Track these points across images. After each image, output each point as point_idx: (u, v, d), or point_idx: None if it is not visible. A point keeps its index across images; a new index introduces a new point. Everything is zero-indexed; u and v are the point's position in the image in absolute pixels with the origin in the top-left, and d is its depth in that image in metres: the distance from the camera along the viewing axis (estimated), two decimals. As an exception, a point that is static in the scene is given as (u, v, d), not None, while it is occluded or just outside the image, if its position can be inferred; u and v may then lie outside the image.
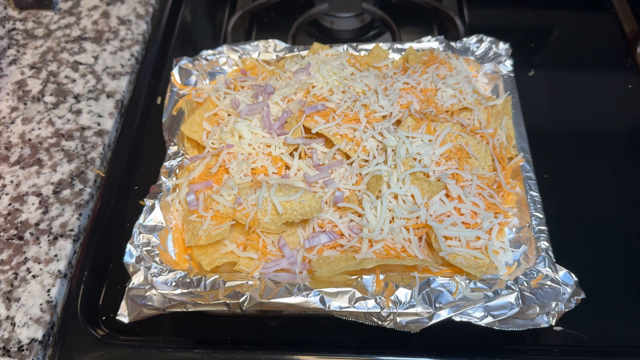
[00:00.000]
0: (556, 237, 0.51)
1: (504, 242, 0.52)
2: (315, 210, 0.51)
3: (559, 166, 0.62)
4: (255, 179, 0.55)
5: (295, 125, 0.58)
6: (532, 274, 0.48)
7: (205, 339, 0.51)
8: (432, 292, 0.47)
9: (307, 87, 0.63)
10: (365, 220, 0.51)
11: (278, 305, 0.47)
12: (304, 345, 0.50)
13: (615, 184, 0.62)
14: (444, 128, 0.57)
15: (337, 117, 0.59)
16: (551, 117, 0.69)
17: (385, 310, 0.46)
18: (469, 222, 0.51)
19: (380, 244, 0.50)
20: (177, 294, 0.48)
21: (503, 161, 0.57)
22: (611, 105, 0.70)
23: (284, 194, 0.51)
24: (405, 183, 0.53)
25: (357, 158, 0.56)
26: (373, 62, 0.69)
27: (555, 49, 0.79)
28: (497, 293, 0.46)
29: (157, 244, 0.52)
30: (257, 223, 0.51)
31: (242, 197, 0.52)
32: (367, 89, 0.63)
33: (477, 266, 0.49)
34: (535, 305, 0.46)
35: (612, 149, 0.65)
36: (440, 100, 0.62)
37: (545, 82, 0.73)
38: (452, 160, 0.56)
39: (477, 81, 0.68)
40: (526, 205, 0.53)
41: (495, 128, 0.60)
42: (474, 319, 0.45)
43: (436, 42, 0.71)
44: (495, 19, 0.85)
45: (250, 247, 0.51)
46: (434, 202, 0.52)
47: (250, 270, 0.50)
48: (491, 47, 0.69)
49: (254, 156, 0.57)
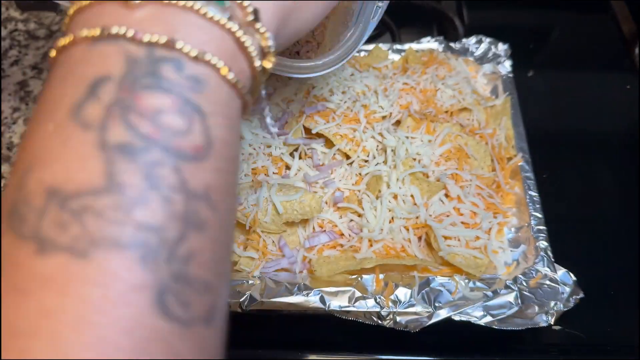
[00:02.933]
0: (555, 236, 0.51)
1: (503, 242, 0.52)
2: (315, 210, 0.51)
3: (558, 166, 0.62)
4: (255, 179, 0.55)
5: (296, 125, 0.59)
6: (531, 274, 0.48)
7: (206, 338, 0.51)
8: (432, 292, 0.47)
9: (307, 87, 0.63)
10: (365, 220, 0.51)
11: (278, 305, 0.47)
12: (304, 344, 0.50)
13: (614, 183, 0.62)
14: (443, 128, 0.57)
15: (337, 117, 0.59)
16: (550, 117, 0.69)
17: (385, 309, 0.46)
18: (468, 222, 0.51)
19: (380, 243, 0.50)
20: (178, 294, 0.48)
21: (502, 161, 0.57)
22: (610, 106, 0.70)
23: (284, 194, 0.51)
24: (405, 183, 0.53)
25: (357, 158, 0.57)
26: (373, 63, 0.69)
27: (554, 49, 0.79)
28: (496, 292, 0.47)
29: (158, 243, 0.52)
30: (257, 223, 0.51)
31: (243, 197, 0.52)
32: (367, 89, 0.63)
33: (476, 266, 0.49)
34: (534, 305, 0.46)
35: (610, 149, 0.65)
36: (439, 101, 0.62)
37: (544, 83, 0.73)
38: (451, 161, 0.56)
39: (477, 82, 0.68)
40: (525, 205, 0.53)
41: (494, 128, 0.60)
42: (473, 318, 0.45)
43: (435, 42, 0.71)
44: (495, 20, 0.85)
45: (251, 246, 0.52)
46: (433, 202, 0.52)
47: (251, 269, 0.51)
48: (490, 48, 0.70)
49: (254, 156, 0.57)
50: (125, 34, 0.20)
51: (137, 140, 0.19)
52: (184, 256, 0.19)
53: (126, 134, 0.19)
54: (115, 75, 0.19)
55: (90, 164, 0.18)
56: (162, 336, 0.18)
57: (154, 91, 0.19)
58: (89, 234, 0.18)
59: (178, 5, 0.20)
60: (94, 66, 0.20)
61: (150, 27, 0.20)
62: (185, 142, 0.19)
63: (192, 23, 0.21)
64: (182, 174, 0.19)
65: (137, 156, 0.18)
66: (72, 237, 0.18)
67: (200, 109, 0.20)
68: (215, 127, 0.21)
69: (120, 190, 0.18)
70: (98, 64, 0.20)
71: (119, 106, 0.19)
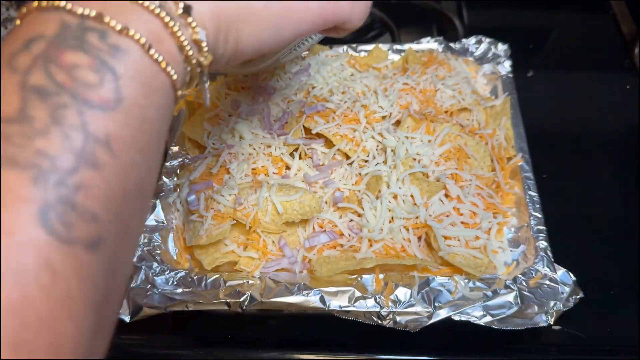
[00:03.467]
0: (555, 236, 0.51)
1: (502, 242, 0.52)
2: (315, 210, 0.51)
3: (558, 166, 0.62)
4: (255, 179, 0.55)
5: (296, 125, 0.59)
6: (530, 274, 0.48)
7: (206, 338, 0.51)
8: (432, 292, 0.47)
9: (307, 88, 0.63)
10: (365, 220, 0.51)
11: (278, 305, 0.47)
12: (304, 344, 0.50)
13: (613, 183, 0.62)
14: (443, 128, 0.57)
15: (337, 117, 0.59)
16: (550, 117, 0.69)
17: (385, 309, 0.46)
18: (468, 222, 0.52)
19: (380, 243, 0.50)
20: (178, 293, 0.48)
21: (502, 161, 0.57)
22: (609, 106, 0.70)
23: (284, 194, 0.51)
24: (405, 183, 0.53)
25: (357, 158, 0.57)
26: (373, 63, 0.69)
27: (553, 49, 0.79)
28: (496, 292, 0.47)
29: (158, 243, 0.52)
30: (257, 223, 0.51)
31: (243, 197, 0.52)
32: (367, 89, 0.63)
33: (476, 266, 0.49)
34: (533, 305, 0.46)
35: (610, 149, 0.65)
36: (439, 101, 0.62)
37: (544, 83, 0.73)
38: (451, 161, 0.56)
39: (476, 82, 0.68)
40: (525, 205, 0.53)
41: (494, 128, 0.60)
42: (473, 318, 0.45)
43: (435, 43, 0.71)
44: (494, 20, 0.86)
45: (251, 246, 0.52)
46: (433, 202, 0.52)
47: (251, 269, 0.51)
48: (490, 48, 0.70)
49: (254, 156, 0.57)
50: (64, 6, 0.25)
51: (51, 85, 0.23)
52: (73, 184, 0.22)
53: (44, 79, 0.23)
54: (48, 35, 0.24)
55: (9, 98, 0.22)
56: (39, 246, 0.20)
57: (75, 50, 0.24)
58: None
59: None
60: (33, 28, 0.25)
61: (87, 4, 0.25)
62: (93, 93, 0.23)
63: (123, 5, 0.26)
64: (84, 117, 0.23)
65: (48, 97, 0.22)
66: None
67: (115, 70, 0.24)
68: (127, 88, 0.25)
69: (27, 122, 0.22)
70: (37, 26, 0.25)
71: (44, 58, 0.23)
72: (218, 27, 0.29)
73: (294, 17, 0.34)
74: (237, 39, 0.31)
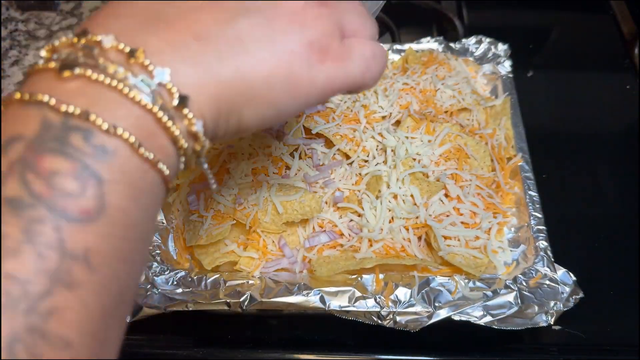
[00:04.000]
0: (555, 236, 0.51)
1: (502, 242, 0.52)
2: (315, 210, 0.51)
3: (558, 166, 0.62)
4: (255, 179, 0.55)
5: (296, 125, 0.59)
6: (530, 274, 0.48)
7: (206, 338, 0.51)
8: (432, 292, 0.47)
9: (307, 87, 0.63)
10: (365, 220, 0.51)
11: (278, 305, 0.47)
12: (304, 344, 0.50)
13: (613, 183, 0.62)
14: (443, 128, 0.57)
15: (337, 117, 0.59)
16: (550, 117, 0.69)
17: (385, 309, 0.46)
18: (468, 222, 0.52)
19: (380, 243, 0.50)
20: (178, 293, 0.48)
21: (502, 161, 0.57)
22: (609, 106, 0.70)
23: (284, 194, 0.51)
24: (405, 183, 0.53)
25: (357, 158, 0.57)
26: (373, 63, 0.69)
27: (553, 50, 0.79)
28: (496, 292, 0.47)
29: (158, 243, 0.52)
30: (257, 223, 0.51)
31: (243, 197, 0.52)
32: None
33: (476, 265, 0.49)
34: (533, 305, 0.46)
35: (610, 149, 0.65)
36: (439, 101, 0.62)
37: (544, 83, 0.73)
38: (451, 161, 0.56)
39: (476, 82, 0.68)
40: (525, 205, 0.53)
41: (494, 128, 0.60)
42: (473, 318, 0.45)
43: (435, 43, 0.71)
44: (494, 20, 0.85)
45: (251, 246, 0.52)
46: (433, 202, 0.52)
47: (251, 269, 0.51)
48: (490, 48, 0.70)
49: (254, 156, 0.57)
50: (48, 102, 0.22)
51: (26, 196, 0.21)
52: (45, 310, 0.20)
53: (19, 189, 0.21)
54: (27, 136, 0.22)
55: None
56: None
57: (55, 155, 0.22)
58: None
59: (104, 83, 0.23)
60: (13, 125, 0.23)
61: (73, 98, 0.23)
62: (73, 203, 0.21)
63: (112, 100, 0.23)
64: (61, 234, 0.21)
65: (22, 211, 0.20)
66: None
67: (99, 175, 0.22)
68: (112, 194, 0.23)
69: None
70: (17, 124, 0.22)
71: (21, 164, 0.21)
72: (218, 111, 0.27)
73: (299, 93, 0.30)
74: (239, 119, 0.29)
